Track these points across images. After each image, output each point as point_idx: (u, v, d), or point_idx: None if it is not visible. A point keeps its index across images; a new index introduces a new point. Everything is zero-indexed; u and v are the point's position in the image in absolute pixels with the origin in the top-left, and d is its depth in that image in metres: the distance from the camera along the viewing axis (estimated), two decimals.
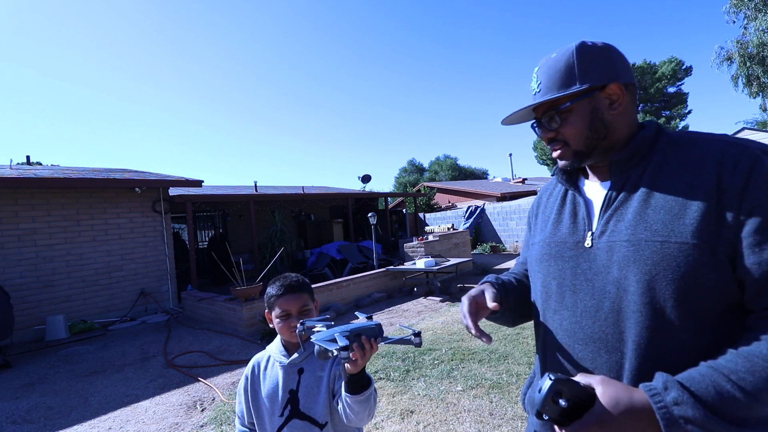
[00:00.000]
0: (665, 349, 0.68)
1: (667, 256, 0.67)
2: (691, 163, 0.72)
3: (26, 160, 10.28)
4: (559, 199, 0.93)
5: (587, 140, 0.81)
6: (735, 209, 0.65)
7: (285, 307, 1.25)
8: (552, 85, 0.81)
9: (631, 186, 0.77)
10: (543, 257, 0.88)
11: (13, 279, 6.13)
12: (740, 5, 15.13)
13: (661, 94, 33.98)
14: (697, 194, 0.68)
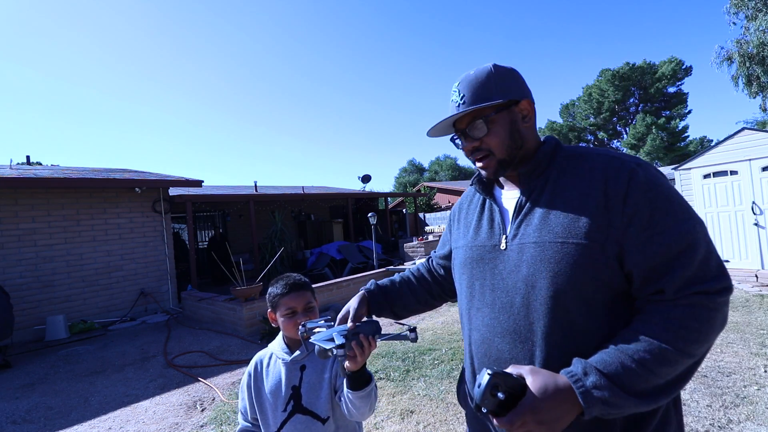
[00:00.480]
0: (567, 335, 0.78)
1: (567, 254, 0.78)
2: (582, 175, 0.84)
3: (26, 160, 10.28)
4: (479, 207, 1.02)
5: (509, 149, 0.90)
6: (619, 214, 0.77)
7: (290, 305, 1.30)
8: (476, 97, 0.89)
9: (536, 195, 0.88)
10: (467, 261, 0.97)
11: (13, 279, 6.13)
12: (740, 5, 15.13)
13: (661, 94, 33.96)
14: (588, 201, 0.80)
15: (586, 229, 0.77)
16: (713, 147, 6.68)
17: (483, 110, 0.89)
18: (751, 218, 6.15)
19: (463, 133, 0.93)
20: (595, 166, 0.84)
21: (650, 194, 0.77)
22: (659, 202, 0.77)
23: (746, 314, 4.51)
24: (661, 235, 0.75)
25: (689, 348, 0.70)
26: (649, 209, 0.76)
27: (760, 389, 2.84)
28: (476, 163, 0.94)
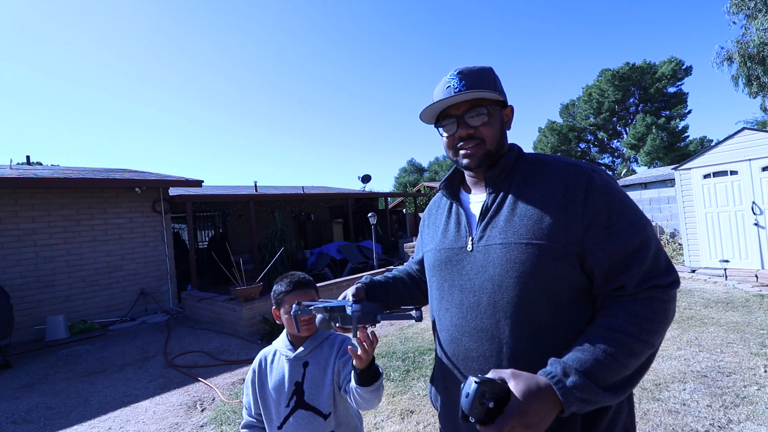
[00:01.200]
0: (533, 332, 0.82)
1: (531, 255, 0.82)
2: (543, 179, 0.90)
3: (26, 160, 10.27)
4: (446, 211, 1.05)
5: (498, 144, 0.94)
6: (580, 215, 0.82)
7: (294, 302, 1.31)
8: (481, 85, 0.91)
9: (500, 198, 0.92)
10: (436, 263, 1.00)
11: (13, 279, 6.13)
12: (740, 5, 15.12)
13: (661, 94, 33.96)
14: (550, 204, 0.85)
15: (549, 231, 0.82)
16: (713, 147, 6.68)
17: (485, 100, 0.92)
18: (751, 218, 6.15)
19: (459, 119, 0.93)
20: (554, 171, 0.90)
21: (606, 197, 0.84)
22: (614, 204, 0.84)
23: (746, 314, 4.51)
24: (618, 234, 0.81)
25: (651, 338, 0.76)
26: (607, 211, 0.83)
27: (760, 389, 2.84)
28: (461, 151, 0.94)
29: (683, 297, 5.40)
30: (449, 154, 0.99)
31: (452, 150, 0.97)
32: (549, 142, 39.31)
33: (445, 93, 0.92)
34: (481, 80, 0.92)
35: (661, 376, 3.15)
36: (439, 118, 0.97)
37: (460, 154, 0.95)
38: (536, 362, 0.78)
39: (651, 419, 2.56)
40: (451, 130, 0.95)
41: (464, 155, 0.94)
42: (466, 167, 0.96)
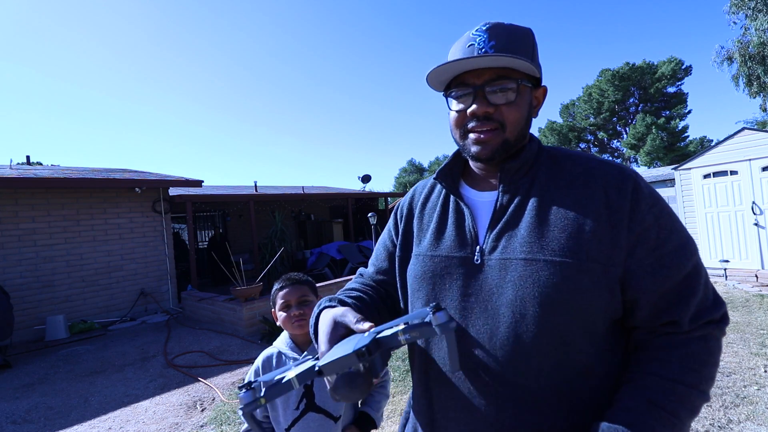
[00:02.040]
0: (566, 375, 0.64)
1: (567, 278, 0.63)
2: (574, 179, 0.71)
3: (26, 160, 10.27)
4: (439, 207, 0.82)
5: (519, 132, 0.73)
6: (626, 230, 0.65)
7: (285, 298, 1.33)
8: (516, 50, 0.68)
9: (520, 199, 0.72)
10: (426, 274, 0.76)
11: (13, 279, 6.12)
12: (740, 5, 15.13)
13: (661, 94, 33.97)
14: (587, 213, 0.67)
15: (588, 247, 0.65)
16: (713, 147, 6.68)
17: (516, 72, 0.70)
18: (751, 218, 6.15)
19: (478, 90, 0.70)
20: (589, 170, 0.72)
21: (655, 210, 0.67)
22: (664, 219, 0.67)
23: (746, 314, 4.51)
24: (670, 257, 0.66)
25: (708, 387, 0.63)
26: (656, 227, 0.66)
27: (760, 389, 2.83)
28: (472, 135, 0.73)
29: None
30: (455, 134, 0.76)
31: (460, 130, 0.75)
32: (549, 142, 39.35)
33: (466, 52, 0.70)
34: (516, 44, 0.69)
35: None
36: (451, 85, 0.74)
37: (469, 138, 0.73)
38: (565, 413, 0.64)
39: None
40: (465, 102, 0.72)
41: (475, 140, 0.72)
42: (475, 157, 0.74)
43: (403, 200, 0.93)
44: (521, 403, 0.65)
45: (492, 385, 0.66)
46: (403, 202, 0.92)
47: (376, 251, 0.94)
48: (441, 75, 0.73)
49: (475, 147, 0.73)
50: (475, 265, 0.71)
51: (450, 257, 0.74)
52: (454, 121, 0.75)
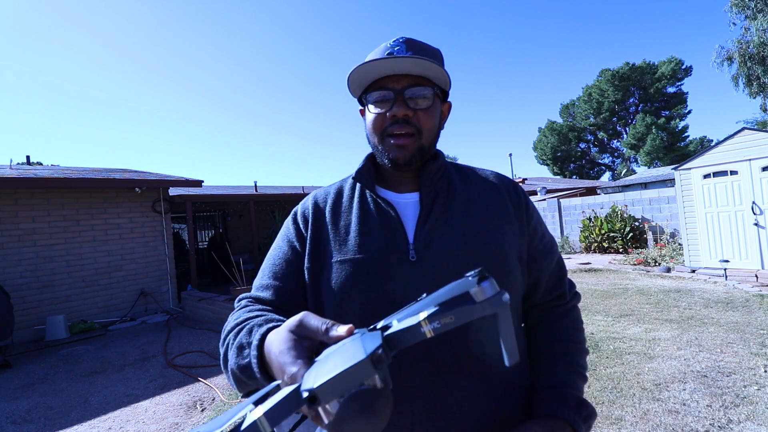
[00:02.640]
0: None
1: (498, 263, 0.71)
2: (483, 182, 0.82)
3: (26, 160, 10.27)
4: (357, 209, 0.78)
5: (432, 140, 0.78)
6: (525, 223, 0.80)
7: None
8: (433, 63, 0.72)
9: (444, 197, 0.78)
10: (358, 279, 0.71)
11: (13, 279, 6.12)
12: (740, 5, 15.13)
13: (661, 94, 33.97)
14: (502, 208, 0.78)
15: (509, 236, 0.76)
16: (713, 147, 6.68)
17: (431, 81, 0.75)
18: (751, 218, 6.15)
19: (398, 94, 0.73)
20: (486, 175, 0.85)
21: (535, 209, 0.85)
22: (539, 216, 0.85)
23: (746, 314, 4.51)
24: (550, 245, 0.83)
25: (586, 343, 0.83)
26: (539, 222, 0.84)
27: (760, 389, 2.84)
28: (391, 139, 0.74)
29: (683, 297, 5.41)
30: (373, 138, 0.77)
31: (379, 134, 0.75)
32: (549, 142, 39.34)
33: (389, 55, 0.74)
34: (431, 56, 0.75)
35: (661, 376, 3.15)
36: (369, 89, 0.76)
37: (387, 142, 0.74)
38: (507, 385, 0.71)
39: (651, 419, 2.56)
40: (385, 106, 0.73)
41: (395, 145, 0.73)
42: (393, 160, 0.74)
43: (301, 208, 0.84)
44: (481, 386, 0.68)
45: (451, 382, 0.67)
46: (304, 209, 0.83)
47: (270, 270, 0.79)
48: (364, 77, 0.74)
49: (394, 151, 0.74)
50: (412, 261, 0.71)
51: (383, 258, 0.72)
52: (372, 123, 0.76)
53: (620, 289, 6.21)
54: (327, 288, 0.73)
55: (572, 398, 0.71)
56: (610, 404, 2.77)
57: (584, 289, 6.39)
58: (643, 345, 3.81)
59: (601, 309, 5.15)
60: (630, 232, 9.90)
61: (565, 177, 37.83)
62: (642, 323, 4.45)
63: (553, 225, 11.90)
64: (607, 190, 18.52)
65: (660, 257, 8.13)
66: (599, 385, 3.05)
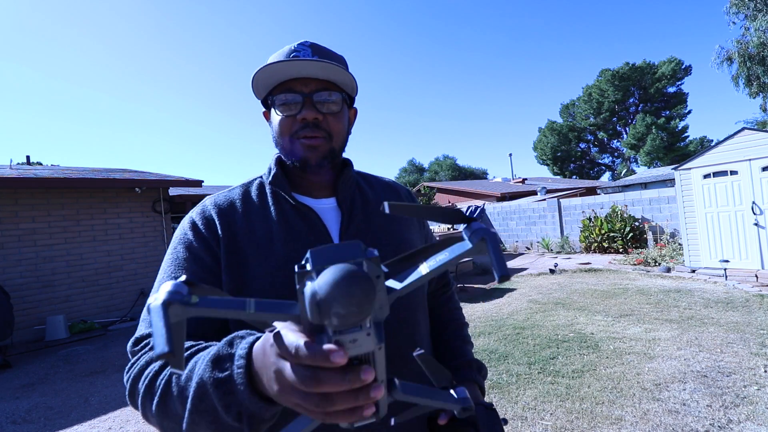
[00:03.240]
0: (425, 333, 0.85)
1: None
2: (385, 188, 0.91)
3: (26, 160, 10.27)
4: (276, 215, 0.75)
5: (341, 144, 0.79)
6: (423, 224, 0.94)
7: None
8: (339, 68, 0.72)
9: (360, 201, 0.82)
10: (284, 287, 0.68)
11: (13, 279, 6.12)
12: (740, 5, 15.13)
13: (661, 94, 33.98)
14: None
15: (415, 237, 0.87)
16: (713, 147, 6.68)
17: (338, 87, 0.75)
18: (751, 218, 6.15)
19: (306, 98, 0.72)
20: (391, 183, 0.95)
21: None
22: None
23: (746, 314, 4.51)
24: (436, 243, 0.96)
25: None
26: (428, 225, 0.99)
27: (760, 389, 2.83)
28: (302, 140, 0.73)
29: (683, 297, 5.40)
30: (282, 141, 0.75)
31: (288, 136, 0.74)
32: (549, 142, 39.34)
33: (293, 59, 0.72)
34: (336, 61, 0.76)
35: (661, 376, 3.15)
36: (275, 92, 0.74)
37: (297, 144, 0.73)
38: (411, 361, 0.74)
39: (651, 419, 2.56)
40: (293, 109, 0.72)
41: (307, 145, 0.73)
42: (304, 162, 0.74)
43: (201, 217, 0.75)
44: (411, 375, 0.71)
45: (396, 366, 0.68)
46: (205, 218, 0.74)
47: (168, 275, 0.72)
48: (269, 78, 0.73)
49: (306, 152, 0.74)
50: None
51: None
52: (281, 126, 0.74)
53: (620, 289, 6.21)
54: (266, 295, 0.67)
55: (474, 363, 0.88)
56: (610, 404, 2.77)
57: (584, 289, 6.40)
58: (643, 345, 3.81)
59: (601, 309, 5.15)
60: (630, 232, 9.90)
61: (565, 177, 37.81)
62: (642, 323, 4.45)
63: (553, 225, 11.90)
64: (607, 190, 18.52)
65: (660, 257, 8.13)
66: (599, 385, 3.05)
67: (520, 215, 13.07)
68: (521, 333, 4.41)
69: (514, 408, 2.82)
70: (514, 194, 17.50)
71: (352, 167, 0.85)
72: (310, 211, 0.76)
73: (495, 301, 6.06)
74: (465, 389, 0.50)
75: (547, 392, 3.01)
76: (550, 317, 4.96)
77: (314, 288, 0.31)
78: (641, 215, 10.01)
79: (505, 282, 0.52)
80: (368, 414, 0.37)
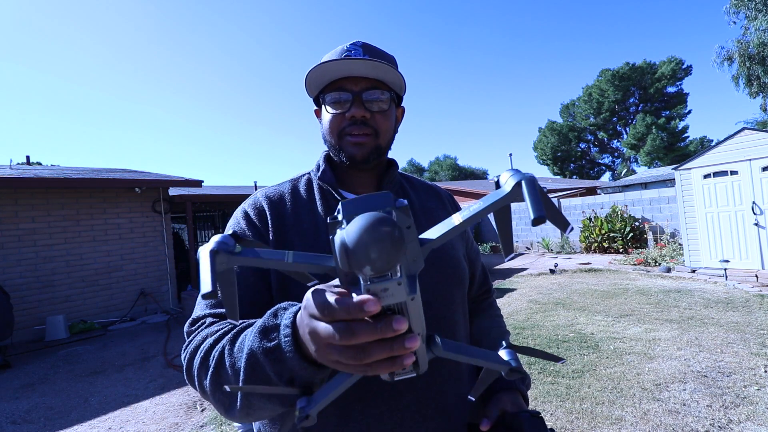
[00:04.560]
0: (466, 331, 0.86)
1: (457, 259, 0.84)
2: (428, 191, 0.93)
3: (26, 160, 10.28)
4: (322, 208, 0.78)
5: (388, 142, 0.81)
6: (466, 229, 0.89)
7: None
8: (389, 67, 0.74)
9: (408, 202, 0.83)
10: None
11: (13, 279, 6.12)
12: (740, 5, 15.13)
13: (661, 94, 33.98)
14: (447, 215, 0.88)
15: (456, 239, 0.87)
16: (713, 147, 6.68)
17: (387, 86, 0.78)
18: (751, 218, 6.15)
19: (356, 96, 0.75)
20: (433, 187, 0.97)
21: None
22: None
23: (746, 314, 4.51)
24: (477, 247, 1.01)
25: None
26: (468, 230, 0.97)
27: (760, 389, 2.83)
28: (349, 137, 0.76)
29: (683, 297, 5.40)
30: (331, 138, 0.78)
31: (337, 133, 0.77)
32: (549, 142, 39.34)
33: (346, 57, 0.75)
34: (390, 62, 0.78)
35: (662, 376, 3.15)
36: (326, 90, 0.77)
37: (345, 140, 0.76)
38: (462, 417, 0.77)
39: (651, 419, 2.56)
40: (343, 107, 0.75)
41: (353, 143, 0.76)
42: (351, 157, 0.77)
43: (253, 207, 0.79)
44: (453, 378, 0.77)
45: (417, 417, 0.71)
46: (257, 208, 0.78)
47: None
48: (321, 77, 0.75)
49: (352, 148, 0.76)
50: None
51: None
52: (330, 124, 0.77)
53: (620, 289, 6.20)
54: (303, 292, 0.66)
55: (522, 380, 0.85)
56: (611, 404, 2.77)
57: (584, 289, 6.39)
58: (644, 345, 3.81)
59: (602, 309, 5.14)
60: (630, 232, 9.90)
61: (565, 177, 37.81)
62: (642, 323, 4.45)
63: (554, 225, 11.88)
64: (607, 190, 18.51)
65: (660, 257, 8.13)
66: (599, 385, 3.05)
67: (520, 215, 13.07)
68: (521, 333, 4.40)
69: None
70: None
71: (397, 167, 0.88)
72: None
73: None
74: (514, 352, 0.50)
75: (547, 392, 3.01)
76: (550, 317, 4.96)
77: (343, 236, 0.31)
78: (641, 215, 10.01)
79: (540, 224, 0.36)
80: (408, 364, 0.37)
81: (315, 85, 0.77)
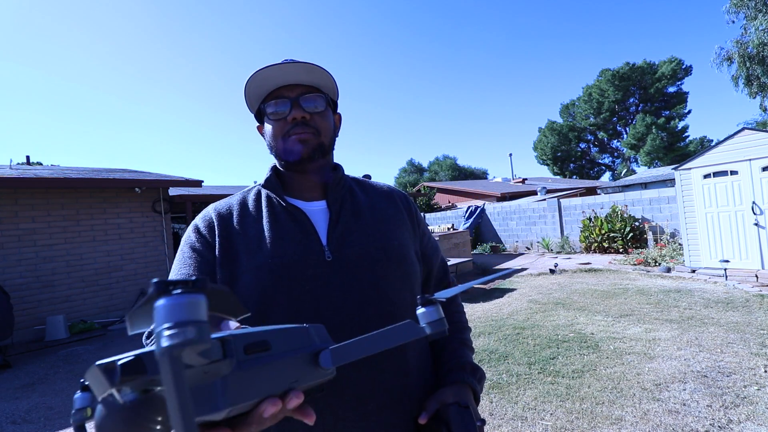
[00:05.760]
0: (420, 341, 0.86)
1: (406, 255, 0.85)
2: (380, 192, 0.95)
3: (26, 160, 10.28)
4: (268, 216, 0.82)
5: (331, 141, 0.87)
6: (415, 224, 0.95)
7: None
8: (321, 73, 0.82)
9: (349, 205, 0.87)
10: (280, 282, 0.75)
11: (13, 279, 6.12)
12: (740, 5, 15.13)
13: (661, 94, 33.97)
14: (399, 212, 0.92)
15: (408, 235, 0.90)
16: (713, 147, 6.68)
17: (321, 90, 0.85)
18: (751, 218, 6.15)
19: (294, 101, 0.81)
20: (387, 189, 0.99)
21: (421, 215, 1.01)
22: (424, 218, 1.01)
23: (746, 314, 4.51)
24: (435, 243, 1.02)
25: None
26: (425, 226, 1.00)
27: (760, 389, 2.83)
28: (293, 136, 0.81)
29: (683, 297, 5.40)
30: (276, 143, 0.83)
31: (281, 137, 0.82)
32: (549, 142, 39.34)
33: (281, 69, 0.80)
34: (322, 70, 0.84)
35: (661, 376, 3.15)
36: (266, 100, 0.84)
37: (291, 140, 0.81)
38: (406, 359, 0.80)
39: (651, 419, 2.56)
40: (285, 113, 0.81)
41: (297, 140, 0.81)
42: (296, 155, 0.81)
43: (203, 220, 0.84)
44: (398, 372, 0.78)
45: (382, 363, 0.75)
46: (207, 221, 0.84)
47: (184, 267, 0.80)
48: (261, 86, 0.82)
49: (297, 145, 0.81)
50: (329, 261, 0.78)
51: (302, 260, 0.77)
52: (274, 129, 0.83)
53: (620, 289, 6.20)
54: (245, 293, 0.75)
55: (468, 365, 0.86)
56: (610, 404, 2.77)
57: (584, 289, 6.39)
58: (644, 345, 3.81)
59: (602, 309, 5.14)
60: (630, 232, 9.89)
61: (565, 177, 37.80)
62: (642, 323, 4.45)
63: (554, 225, 11.90)
64: (607, 190, 18.52)
65: (660, 257, 8.13)
66: (599, 385, 3.05)
67: (520, 215, 13.07)
68: (521, 333, 4.40)
69: (514, 408, 2.82)
70: (514, 194, 17.50)
71: (342, 171, 0.92)
72: (299, 212, 0.82)
73: (495, 301, 6.06)
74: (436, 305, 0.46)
75: (547, 392, 3.01)
76: (550, 317, 4.96)
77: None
78: (641, 215, 10.01)
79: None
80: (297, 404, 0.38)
81: (255, 96, 0.84)
